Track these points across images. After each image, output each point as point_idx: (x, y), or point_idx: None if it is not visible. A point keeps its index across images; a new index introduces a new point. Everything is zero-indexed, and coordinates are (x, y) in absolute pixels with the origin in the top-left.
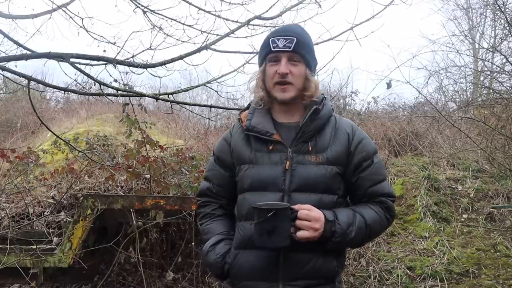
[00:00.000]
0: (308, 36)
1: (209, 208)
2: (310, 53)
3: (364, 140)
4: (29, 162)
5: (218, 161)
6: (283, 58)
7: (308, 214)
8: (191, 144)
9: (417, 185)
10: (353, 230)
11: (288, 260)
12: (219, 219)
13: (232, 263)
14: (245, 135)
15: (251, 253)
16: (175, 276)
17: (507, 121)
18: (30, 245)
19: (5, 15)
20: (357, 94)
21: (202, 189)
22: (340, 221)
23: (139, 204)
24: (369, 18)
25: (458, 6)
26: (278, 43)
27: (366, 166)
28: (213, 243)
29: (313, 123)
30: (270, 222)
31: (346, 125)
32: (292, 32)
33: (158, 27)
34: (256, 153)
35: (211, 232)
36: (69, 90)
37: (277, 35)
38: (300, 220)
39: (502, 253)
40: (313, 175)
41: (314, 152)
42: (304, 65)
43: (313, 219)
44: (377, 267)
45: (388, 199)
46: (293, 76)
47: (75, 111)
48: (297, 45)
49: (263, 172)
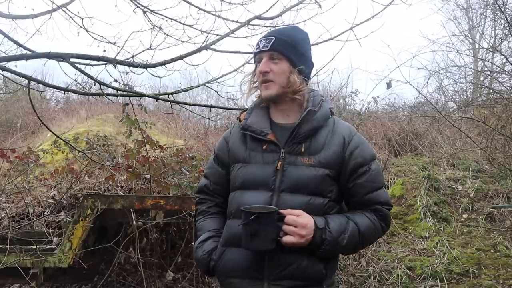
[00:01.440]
0: (296, 34)
1: (205, 206)
2: (293, 50)
3: (361, 146)
4: (29, 162)
5: (217, 160)
6: (264, 57)
7: (295, 220)
8: (191, 144)
9: (417, 185)
10: (345, 238)
11: (273, 260)
12: (212, 217)
13: (217, 260)
14: (242, 134)
15: (237, 251)
16: (175, 276)
17: (507, 121)
18: (30, 245)
19: (5, 15)
20: (357, 94)
21: (200, 186)
22: (332, 229)
23: (139, 204)
24: (369, 18)
25: (458, 6)
26: (260, 45)
27: (362, 172)
28: (202, 240)
29: (307, 124)
30: (253, 225)
31: (343, 129)
32: (273, 33)
33: (158, 27)
34: (250, 152)
35: (203, 229)
36: (69, 90)
37: (261, 38)
38: (287, 225)
39: (502, 253)
40: (303, 176)
41: (307, 154)
42: (286, 62)
43: (300, 225)
44: (377, 267)
45: (384, 207)
46: (274, 73)
47: (75, 111)
48: (275, 43)
49: (254, 171)
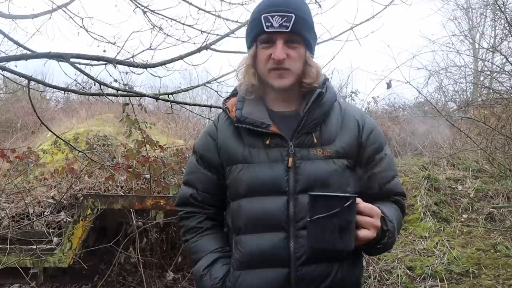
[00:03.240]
0: (307, 8)
1: (194, 221)
2: (311, 30)
3: (376, 128)
4: (29, 162)
5: (202, 161)
6: (279, 40)
7: (372, 208)
8: (191, 144)
9: (417, 185)
10: (399, 228)
11: (302, 277)
12: (208, 234)
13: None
14: (234, 128)
15: (256, 274)
16: (175, 276)
17: (507, 121)
18: (30, 245)
19: (5, 15)
20: (357, 94)
21: (183, 197)
22: (390, 218)
23: (139, 204)
24: (369, 18)
25: (458, 6)
26: (272, 22)
27: (379, 159)
28: (208, 264)
29: (318, 110)
30: (344, 215)
31: (354, 112)
32: (290, 5)
33: (158, 27)
34: (251, 150)
35: (202, 250)
36: (69, 90)
37: (271, 11)
38: (362, 216)
39: (502, 253)
40: (322, 171)
41: (320, 145)
42: (304, 47)
43: (376, 215)
44: (377, 267)
45: (402, 198)
46: (291, 61)
47: (75, 111)
48: (296, 23)
49: (261, 172)
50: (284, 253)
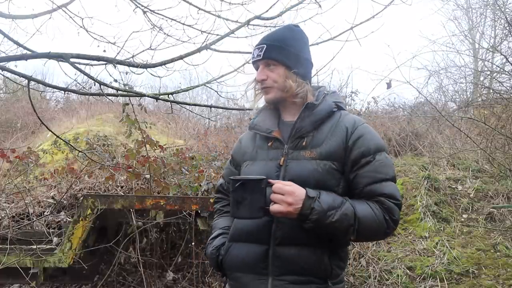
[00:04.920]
0: (288, 35)
1: (220, 204)
2: (286, 53)
3: (366, 135)
4: (29, 162)
5: (232, 161)
6: (260, 65)
7: (281, 188)
8: (191, 144)
9: (417, 185)
10: (336, 214)
11: (277, 255)
12: (225, 215)
13: (225, 255)
14: (253, 134)
15: (242, 246)
16: (175, 276)
17: (507, 121)
18: (30, 245)
19: (5, 15)
20: (357, 94)
21: (217, 186)
22: (322, 200)
23: (139, 204)
24: (369, 18)
25: (458, 6)
26: (254, 54)
27: (364, 163)
28: (213, 236)
29: (308, 119)
30: (239, 192)
31: (348, 121)
32: (265, 40)
33: (158, 27)
34: (258, 150)
35: (216, 227)
36: (69, 90)
37: (255, 46)
38: (274, 194)
39: (502, 253)
40: (304, 170)
41: (309, 147)
42: (282, 66)
43: (286, 193)
44: (377, 267)
45: (388, 200)
46: (271, 80)
47: (75, 111)
48: (267, 51)
49: (259, 167)
50: (266, 233)
